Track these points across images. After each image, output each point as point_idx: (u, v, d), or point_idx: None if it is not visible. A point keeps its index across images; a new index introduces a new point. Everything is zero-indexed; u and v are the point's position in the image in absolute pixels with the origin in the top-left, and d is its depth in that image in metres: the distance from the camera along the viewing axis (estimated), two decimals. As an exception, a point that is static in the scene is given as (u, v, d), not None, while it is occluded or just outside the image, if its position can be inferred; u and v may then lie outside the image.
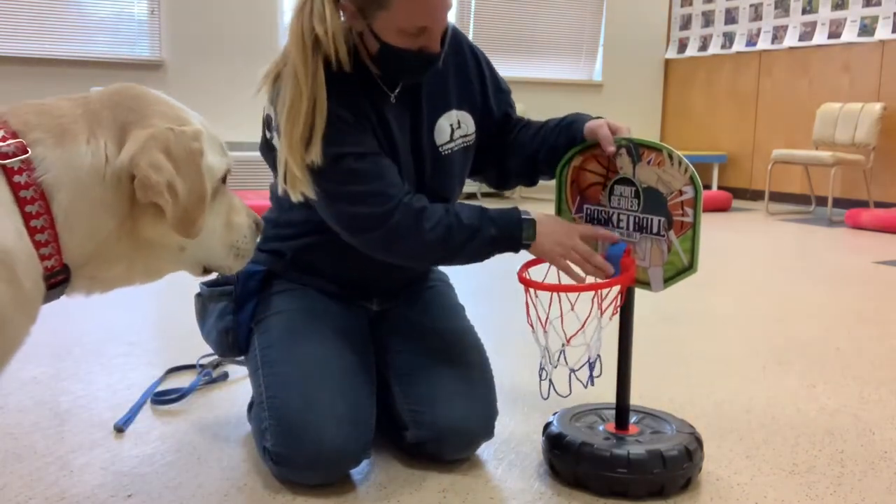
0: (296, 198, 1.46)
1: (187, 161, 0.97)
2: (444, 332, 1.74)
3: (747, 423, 1.95)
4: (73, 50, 6.09)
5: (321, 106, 1.43)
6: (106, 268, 1.00)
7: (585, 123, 1.61)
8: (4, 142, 0.89)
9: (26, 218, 0.89)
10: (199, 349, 2.23)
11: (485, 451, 1.73)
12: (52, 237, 0.92)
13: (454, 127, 1.66)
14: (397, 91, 1.58)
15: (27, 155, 0.90)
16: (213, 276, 1.29)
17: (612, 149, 1.54)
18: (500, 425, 1.71)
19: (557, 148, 1.65)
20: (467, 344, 1.74)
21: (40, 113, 0.94)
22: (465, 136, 1.69)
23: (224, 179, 1.11)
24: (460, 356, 1.69)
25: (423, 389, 1.62)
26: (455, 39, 1.66)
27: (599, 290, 1.48)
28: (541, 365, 1.58)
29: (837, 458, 1.75)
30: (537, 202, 7.23)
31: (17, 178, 0.88)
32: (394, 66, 1.51)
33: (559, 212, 1.67)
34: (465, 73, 1.69)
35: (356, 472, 1.62)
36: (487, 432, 1.67)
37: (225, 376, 2.20)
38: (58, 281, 0.96)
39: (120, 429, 1.83)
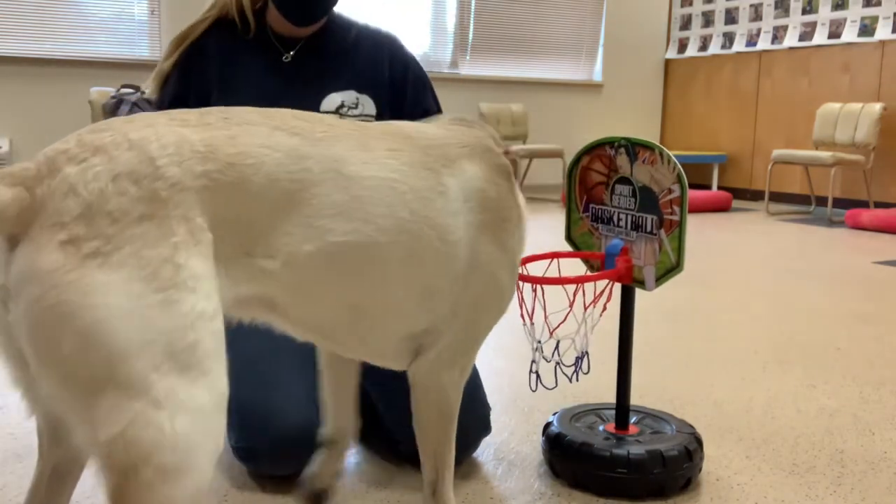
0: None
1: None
2: None
3: (747, 423, 1.95)
4: (73, 50, 6.09)
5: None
6: None
7: None
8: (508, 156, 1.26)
9: None
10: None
11: (485, 451, 1.73)
12: None
13: (348, 105, 1.75)
14: (292, 53, 1.74)
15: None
16: None
17: None
18: (500, 425, 1.71)
19: None
20: None
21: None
22: (362, 115, 1.76)
23: None
24: None
25: (406, 402, 1.60)
26: (381, 37, 1.81)
27: (583, 284, 1.49)
28: (532, 358, 1.59)
29: (837, 458, 1.75)
30: (540, 202, 7.23)
31: None
32: None
33: (570, 211, 1.69)
34: (376, 67, 1.78)
35: (356, 473, 1.62)
36: (485, 429, 1.67)
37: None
38: None
39: (120, 429, 1.83)
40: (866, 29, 6.70)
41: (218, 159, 0.90)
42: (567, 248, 1.70)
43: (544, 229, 5.21)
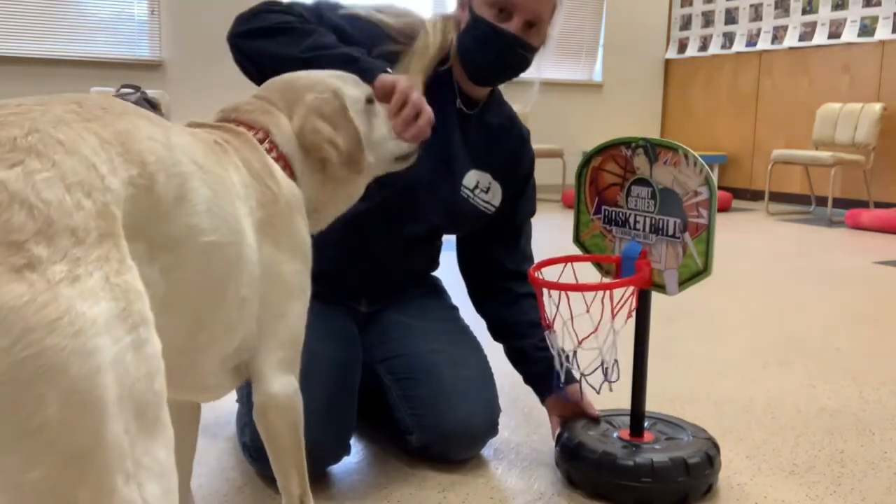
0: None
1: (338, 116, 1.21)
2: (441, 334, 1.73)
3: (747, 423, 1.95)
4: (73, 50, 6.09)
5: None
6: (322, 207, 1.27)
7: (550, 397, 1.73)
8: (253, 132, 1.16)
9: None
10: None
11: (485, 451, 1.73)
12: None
13: (482, 187, 1.74)
14: (469, 111, 1.71)
15: (270, 137, 1.18)
16: None
17: (595, 413, 1.68)
18: (500, 425, 1.71)
19: (514, 353, 1.80)
20: (464, 343, 1.75)
21: (257, 112, 1.21)
22: (488, 203, 1.75)
23: (370, 101, 1.31)
24: (459, 356, 1.69)
25: (423, 392, 1.62)
26: (523, 131, 1.84)
27: (611, 291, 1.46)
28: (554, 367, 1.57)
29: (837, 458, 1.75)
30: (539, 202, 7.21)
31: (271, 154, 1.16)
32: (472, 37, 1.60)
33: (579, 213, 1.66)
34: (516, 162, 1.80)
35: (356, 473, 1.62)
36: (492, 429, 1.67)
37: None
38: None
39: (120, 429, 1.82)
40: (866, 29, 6.70)
41: (134, 160, 0.79)
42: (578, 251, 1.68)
43: (544, 230, 5.19)
